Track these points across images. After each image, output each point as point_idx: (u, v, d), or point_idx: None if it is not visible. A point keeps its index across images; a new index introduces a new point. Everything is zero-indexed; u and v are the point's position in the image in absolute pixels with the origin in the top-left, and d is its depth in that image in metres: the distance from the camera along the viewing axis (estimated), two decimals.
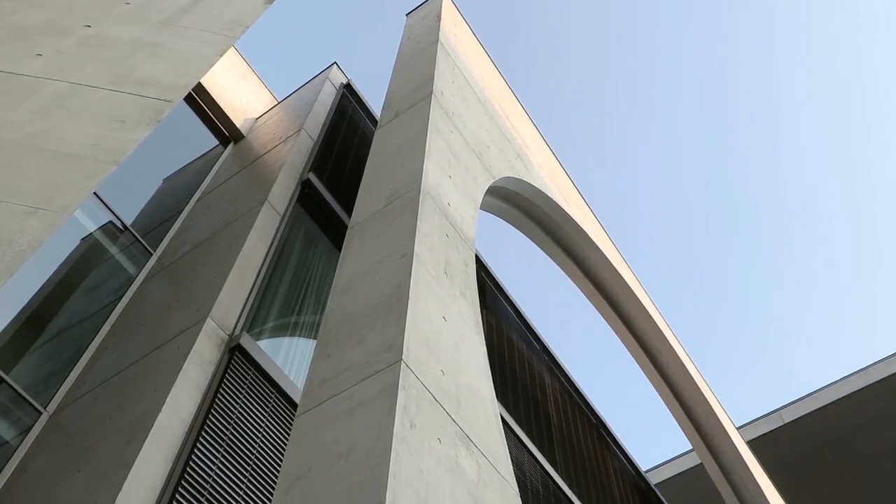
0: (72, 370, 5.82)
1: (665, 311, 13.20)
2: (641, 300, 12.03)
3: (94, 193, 6.98)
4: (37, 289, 6.27)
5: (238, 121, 9.52)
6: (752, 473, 12.75)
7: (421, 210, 5.21)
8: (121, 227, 7.16)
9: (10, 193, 3.48)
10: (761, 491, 12.70)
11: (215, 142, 9.31)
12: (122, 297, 6.63)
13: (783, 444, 15.59)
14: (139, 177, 8.00)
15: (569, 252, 11.05)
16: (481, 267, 10.41)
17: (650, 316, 12.09)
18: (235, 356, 5.44)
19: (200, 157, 9.07)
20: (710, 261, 42.84)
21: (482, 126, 8.15)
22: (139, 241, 7.21)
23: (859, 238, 39.86)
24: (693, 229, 42.20)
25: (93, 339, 6.12)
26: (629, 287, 11.80)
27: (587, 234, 10.82)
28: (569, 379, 11.37)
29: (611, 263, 11.44)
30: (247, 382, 5.43)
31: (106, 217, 7.08)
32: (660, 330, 12.19)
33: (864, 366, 15.71)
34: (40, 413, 5.39)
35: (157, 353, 5.38)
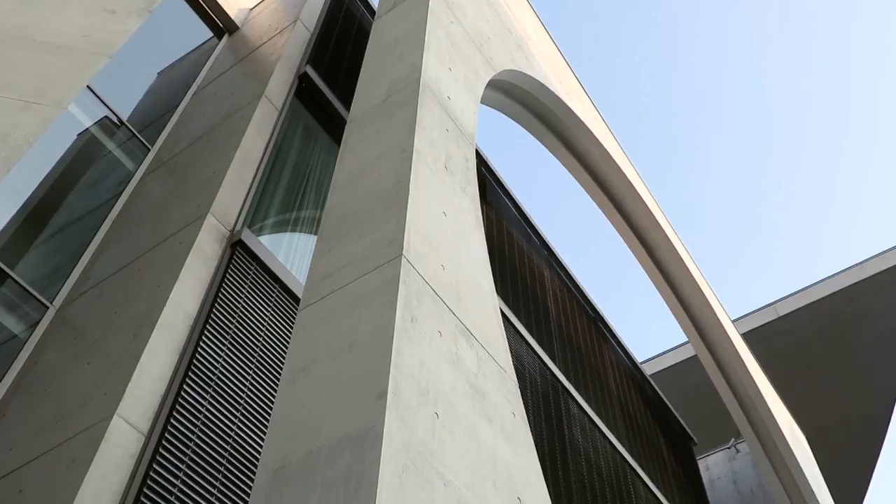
0: (76, 265, 5.87)
1: (665, 206, 13.21)
2: (642, 195, 12.03)
3: (88, 87, 6.85)
4: (36, 185, 6.25)
5: (231, 11, 9.24)
6: (745, 365, 13.06)
7: (420, 104, 5.13)
8: (117, 122, 7.07)
9: (2, 87, 3.42)
10: (753, 381, 13.06)
11: (209, 33, 9.06)
12: (121, 192, 6.61)
13: (776, 337, 15.89)
14: (132, 70, 7.83)
15: (570, 147, 10.96)
16: (481, 162, 10.35)
17: (650, 211, 12.11)
18: (237, 251, 5.48)
19: (194, 49, 8.86)
20: (713, 154, 42.55)
21: (483, 16, 7.93)
22: (136, 136, 7.13)
23: (859, 135, 39.48)
24: (695, 122, 41.72)
25: (95, 235, 6.14)
26: (630, 182, 11.77)
27: (589, 129, 10.70)
28: (568, 273, 11.49)
29: (612, 158, 11.37)
30: (249, 277, 5.49)
31: (101, 112, 6.98)
32: (659, 225, 12.23)
33: (859, 260, 15.85)
34: (47, 308, 5.47)
35: (159, 249, 5.42)
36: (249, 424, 4.79)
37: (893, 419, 16.94)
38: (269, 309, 5.52)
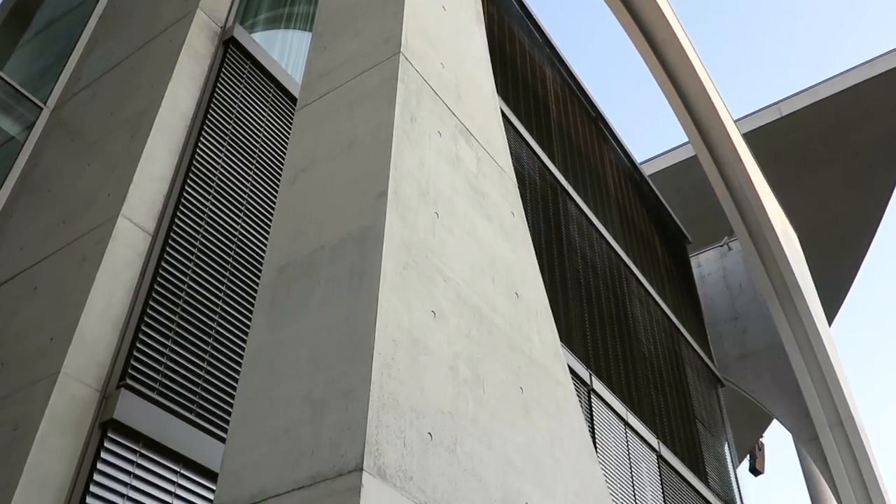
0: (66, 64, 5.72)
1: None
2: None
3: None
4: None
5: None
6: (743, 164, 13.10)
7: None
8: None
9: None
10: (751, 181, 13.16)
11: None
12: None
13: (778, 137, 15.78)
14: None
15: None
16: None
17: (658, 5, 11.63)
18: (230, 49, 5.32)
19: None
20: None
21: None
22: None
23: None
24: None
25: (82, 32, 5.94)
26: None
27: None
28: (570, 72, 11.23)
29: None
30: (244, 77, 5.36)
31: None
32: (665, 18, 11.79)
33: (867, 59, 15.40)
34: (41, 109, 5.40)
35: (149, 47, 5.25)
36: (252, 223, 4.88)
37: (884, 220, 17.25)
38: (266, 109, 5.44)
